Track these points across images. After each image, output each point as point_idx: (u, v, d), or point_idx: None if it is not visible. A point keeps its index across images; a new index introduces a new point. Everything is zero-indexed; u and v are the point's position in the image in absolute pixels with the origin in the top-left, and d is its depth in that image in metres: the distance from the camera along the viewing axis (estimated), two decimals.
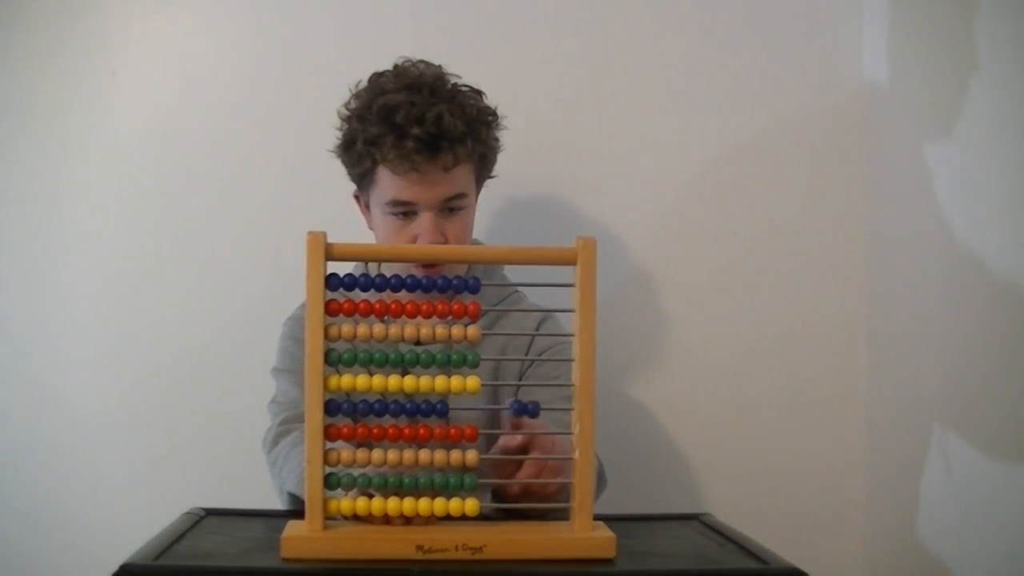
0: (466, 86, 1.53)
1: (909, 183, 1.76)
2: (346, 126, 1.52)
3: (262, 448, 1.48)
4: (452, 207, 1.50)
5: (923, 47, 1.75)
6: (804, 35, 1.95)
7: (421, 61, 1.53)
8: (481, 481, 1.24)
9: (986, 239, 1.54)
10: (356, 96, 1.52)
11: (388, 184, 1.49)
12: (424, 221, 1.48)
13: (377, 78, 1.52)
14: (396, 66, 1.52)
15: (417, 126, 1.44)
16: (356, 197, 1.59)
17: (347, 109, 1.52)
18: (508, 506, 1.25)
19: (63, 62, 1.91)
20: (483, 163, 1.54)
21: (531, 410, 1.17)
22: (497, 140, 1.56)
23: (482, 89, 1.54)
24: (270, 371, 1.58)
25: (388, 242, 1.50)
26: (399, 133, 1.44)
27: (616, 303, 1.90)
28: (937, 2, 1.70)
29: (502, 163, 1.59)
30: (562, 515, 1.20)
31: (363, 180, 1.53)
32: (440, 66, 1.53)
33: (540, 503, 1.26)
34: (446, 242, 1.49)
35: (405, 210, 1.49)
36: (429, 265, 1.46)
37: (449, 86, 1.51)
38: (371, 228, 1.57)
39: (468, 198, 1.52)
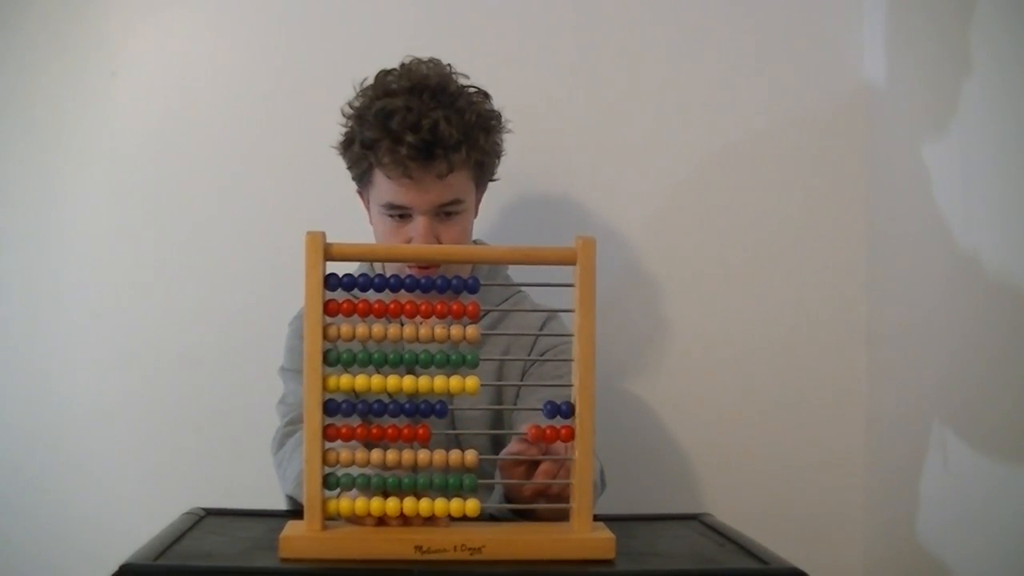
0: (473, 88, 1.51)
1: (908, 183, 1.76)
2: (348, 124, 1.51)
3: (270, 450, 1.48)
4: (448, 212, 1.49)
5: (922, 47, 1.75)
6: (804, 35, 1.95)
7: (431, 60, 1.51)
8: (490, 482, 1.24)
9: (985, 238, 1.54)
10: (361, 94, 1.50)
11: (383, 187, 1.48)
12: (418, 225, 1.47)
13: (384, 76, 1.50)
14: (403, 64, 1.50)
15: (412, 133, 1.42)
16: (359, 192, 1.58)
17: (350, 107, 1.51)
18: (522, 507, 1.24)
19: (63, 62, 1.91)
20: (481, 169, 1.52)
21: (564, 410, 1.16)
22: (498, 145, 1.54)
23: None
24: (277, 371, 1.57)
25: (384, 242, 1.51)
26: (394, 138, 1.43)
27: (616, 303, 1.91)
28: (936, 2, 1.70)
29: (503, 163, 1.58)
30: (562, 515, 1.19)
31: (361, 180, 1.53)
32: (449, 66, 1.51)
33: (547, 503, 1.23)
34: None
35: (400, 213, 1.48)
36: (424, 266, 1.45)
37: (453, 88, 1.48)
38: (372, 224, 1.56)
39: (464, 203, 1.50)
